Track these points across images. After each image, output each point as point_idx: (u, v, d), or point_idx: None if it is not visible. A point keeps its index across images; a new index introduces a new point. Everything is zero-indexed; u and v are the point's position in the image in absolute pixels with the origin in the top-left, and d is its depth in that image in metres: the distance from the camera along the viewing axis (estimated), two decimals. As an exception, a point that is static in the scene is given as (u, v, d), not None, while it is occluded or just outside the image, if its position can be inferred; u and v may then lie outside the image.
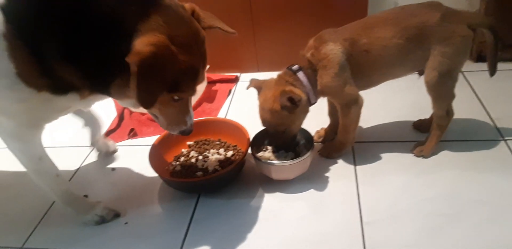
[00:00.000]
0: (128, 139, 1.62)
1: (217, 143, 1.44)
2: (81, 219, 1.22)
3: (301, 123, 1.26)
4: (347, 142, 1.34)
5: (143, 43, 0.78)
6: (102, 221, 1.22)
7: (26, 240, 1.20)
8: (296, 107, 1.16)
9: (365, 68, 1.19)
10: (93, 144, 1.49)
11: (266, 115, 1.18)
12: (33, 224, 1.26)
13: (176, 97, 0.95)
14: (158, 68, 0.80)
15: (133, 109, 1.06)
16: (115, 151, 1.55)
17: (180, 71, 0.85)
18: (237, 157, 1.35)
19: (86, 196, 1.27)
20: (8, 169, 1.53)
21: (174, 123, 1.04)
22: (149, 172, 1.26)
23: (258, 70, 2.01)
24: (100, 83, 0.90)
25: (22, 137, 1.02)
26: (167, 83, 0.85)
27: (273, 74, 1.91)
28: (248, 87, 1.25)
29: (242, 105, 1.76)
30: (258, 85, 1.24)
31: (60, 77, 0.88)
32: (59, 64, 0.85)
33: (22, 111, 0.95)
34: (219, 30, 0.96)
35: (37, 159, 1.08)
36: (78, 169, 1.48)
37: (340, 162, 1.35)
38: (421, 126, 1.44)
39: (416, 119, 1.47)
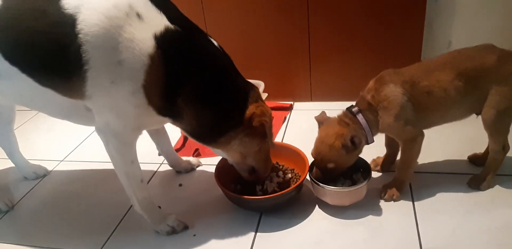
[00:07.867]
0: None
1: (276, 165, 1.52)
2: (153, 227, 1.31)
3: (351, 164, 1.32)
4: (406, 179, 1.36)
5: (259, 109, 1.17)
6: (173, 231, 1.30)
7: (102, 247, 1.30)
8: (355, 149, 1.23)
9: (426, 109, 1.24)
10: (172, 162, 1.64)
11: (324, 149, 1.25)
12: (109, 231, 1.36)
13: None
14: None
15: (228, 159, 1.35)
16: (199, 165, 1.68)
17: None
18: (295, 180, 1.43)
19: (159, 207, 1.37)
20: (87, 179, 1.67)
21: (264, 170, 1.35)
22: (214, 189, 1.35)
23: (311, 100, 2.11)
24: (206, 133, 1.21)
25: (124, 138, 1.15)
26: None
27: (325, 104, 2.06)
28: (316, 118, 1.33)
29: (297, 132, 1.86)
30: (321, 119, 1.32)
31: (175, 110, 1.10)
32: (183, 101, 1.08)
33: (132, 115, 1.10)
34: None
35: (130, 162, 1.20)
36: (147, 184, 1.59)
37: (397, 190, 1.40)
38: (476, 159, 1.48)
39: (471, 152, 1.51)
